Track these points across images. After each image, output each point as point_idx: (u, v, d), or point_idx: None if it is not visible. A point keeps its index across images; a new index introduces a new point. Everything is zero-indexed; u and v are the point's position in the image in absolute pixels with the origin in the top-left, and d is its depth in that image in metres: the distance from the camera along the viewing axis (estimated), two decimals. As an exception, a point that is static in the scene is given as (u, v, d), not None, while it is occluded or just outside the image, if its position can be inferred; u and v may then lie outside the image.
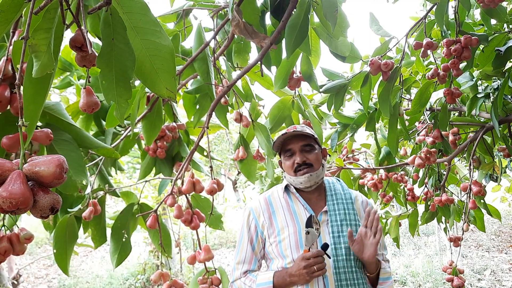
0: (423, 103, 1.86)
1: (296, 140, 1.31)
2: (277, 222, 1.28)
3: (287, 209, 1.31)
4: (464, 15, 1.63)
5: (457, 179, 2.43)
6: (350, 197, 1.34)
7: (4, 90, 0.69)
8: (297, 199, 1.33)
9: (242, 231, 1.34)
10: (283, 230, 1.26)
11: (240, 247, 1.33)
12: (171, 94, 0.70)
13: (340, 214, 1.28)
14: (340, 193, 1.34)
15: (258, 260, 1.33)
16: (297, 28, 1.07)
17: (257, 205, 1.35)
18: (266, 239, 1.30)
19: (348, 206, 1.31)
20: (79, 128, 0.86)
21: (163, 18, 1.48)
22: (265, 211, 1.32)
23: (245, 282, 1.27)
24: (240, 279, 1.29)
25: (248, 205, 1.38)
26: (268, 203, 1.34)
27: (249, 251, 1.31)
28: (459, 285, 1.97)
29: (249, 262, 1.30)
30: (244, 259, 1.31)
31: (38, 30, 0.60)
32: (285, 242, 1.25)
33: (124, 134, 1.46)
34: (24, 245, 0.80)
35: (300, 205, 1.31)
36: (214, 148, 9.17)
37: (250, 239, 1.31)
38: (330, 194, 1.33)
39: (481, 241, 7.08)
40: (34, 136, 0.72)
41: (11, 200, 0.47)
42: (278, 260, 1.27)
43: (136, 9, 0.64)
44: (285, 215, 1.30)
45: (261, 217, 1.31)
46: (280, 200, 1.34)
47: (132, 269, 5.89)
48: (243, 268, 1.30)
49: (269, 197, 1.36)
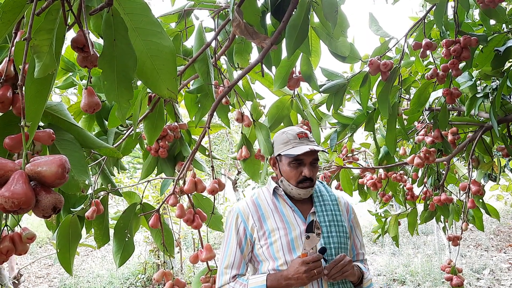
0: (422, 103, 1.86)
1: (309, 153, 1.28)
2: (267, 225, 1.27)
3: (276, 212, 1.30)
4: (463, 16, 1.64)
5: (456, 179, 2.44)
6: (334, 198, 1.36)
7: (6, 90, 0.70)
8: (284, 202, 1.32)
9: (230, 233, 1.30)
10: (274, 232, 1.25)
11: (228, 250, 1.29)
12: (172, 95, 0.71)
13: (328, 215, 1.29)
14: (325, 194, 1.35)
15: (246, 263, 1.30)
16: (298, 29, 1.08)
17: (244, 207, 1.32)
18: (256, 241, 1.27)
19: (334, 207, 1.32)
20: (81, 128, 0.86)
21: (164, 18, 1.48)
22: (254, 213, 1.29)
23: (235, 286, 1.24)
24: (229, 284, 1.25)
25: (234, 207, 1.35)
26: (256, 205, 1.32)
27: (238, 255, 1.27)
28: (458, 284, 1.98)
29: (238, 266, 1.27)
30: (232, 263, 1.27)
31: (40, 31, 0.61)
32: (277, 244, 1.24)
33: (126, 134, 1.46)
34: (26, 244, 0.80)
35: (288, 207, 1.31)
36: (214, 148, 9.17)
37: (239, 242, 1.28)
38: (316, 195, 1.34)
39: (480, 241, 7.09)
40: (36, 136, 0.72)
41: (14, 200, 0.48)
42: (268, 262, 1.25)
43: (137, 10, 0.64)
44: (275, 217, 1.28)
45: (250, 220, 1.29)
46: (268, 203, 1.33)
47: (132, 268, 5.90)
48: (232, 272, 1.27)
49: (256, 199, 1.34)
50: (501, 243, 6.91)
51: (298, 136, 1.30)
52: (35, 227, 7.85)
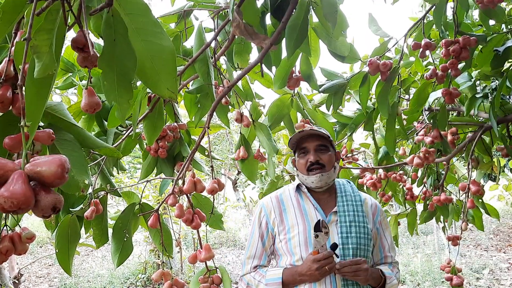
0: (421, 103, 1.86)
1: (312, 140, 1.33)
2: (288, 220, 1.31)
3: (298, 208, 1.33)
4: (462, 16, 1.64)
5: (455, 179, 2.44)
6: (359, 199, 1.36)
7: (6, 90, 0.70)
8: (307, 199, 1.35)
9: (254, 226, 1.38)
10: (293, 228, 1.29)
11: (251, 242, 1.36)
12: (172, 95, 0.71)
13: (349, 215, 1.30)
14: (350, 194, 1.35)
15: (268, 255, 1.36)
16: (297, 29, 1.08)
17: (268, 202, 1.38)
18: (276, 235, 1.33)
19: (357, 208, 1.33)
20: (81, 128, 0.86)
21: (164, 18, 1.48)
22: (276, 208, 1.35)
23: (254, 276, 1.31)
24: (250, 274, 1.32)
25: (259, 202, 1.42)
26: (279, 200, 1.37)
27: (260, 247, 1.34)
28: (458, 283, 1.98)
29: (259, 257, 1.34)
30: (254, 254, 1.35)
31: (40, 31, 0.61)
32: (295, 240, 1.27)
33: (125, 134, 1.46)
34: (26, 244, 0.80)
35: (311, 204, 1.33)
36: (214, 148, 9.17)
37: (261, 235, 1.35)
38: (340, 195, 1.35)
39: (480, 240, 7.10)
40: (36, 136, 0.72)
41: (13, 200, 0.48)
42: (286, 257, 1.30)
43: (137, 11, 0.64)
44: (296, 213, 1.32)
45: (272, 214, 1.34)
46: (291, 199, 1.37)
47: (133, 268, 5.90)
48: (253, 263, 1.34)
49: (280, 195, 1.39)
50: (501, 243, 6.92)
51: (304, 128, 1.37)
52: (35, 227, 7.84)
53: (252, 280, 1.31)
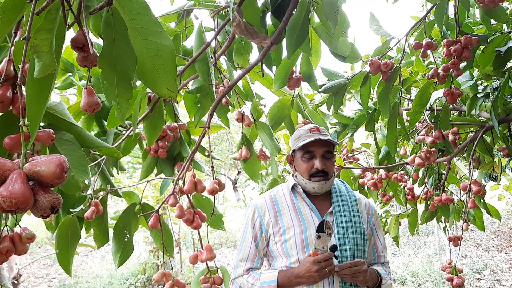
0: (424, 104, 1.86)
1: (319, 144, 1.29)
2: (283, 221, 1.28)
3: (293, 209, 1.30)
4: (464, 16, 1.64)
5: (457, 179, 2.43)
6: (354, 199, 1.34)
7: (6, 90, 0.70)
8: (303, 200, 1.32)
9: (246, 228, 1.33)
10: (289, 230, 1.26)
11: (244, 244, 1.32)
12: (172, 94, 0.70)
13: (345, 215, 1.29)
14: (345, 194, 1.34)
15: (261, 257, 1.32)
16: (298, 28, 1.07)
17: (262, 202, 1.34)
18: (271, 237, 1.29)
19: (353, 208, 1.31)
20: (81, 128, 0.86)
21: (164, 18, 1.48)
22: (270, 209, 1.31)
23: (248, 279, 1.27)
24: (243, 277, 1.29)
25: (252, 202, 1.38)
26: (273, 201, 1.33)
27: (253, 249, 1.30)
28: (459, 284, 1.97)
29: (252, 259, 1.30)
30: (247, 256, 1.30)
31: (39, 30, 0.60)
32: (291, 242, 1.25)
33: (125, 134, 1.46)
34: (26, 245, 0.79)
35: (306, 205, 1.31)
36: (214, 148, 9.17)
37: (254, 237, 1.30)
38: (335, 195, 1.33)
39: (481, 241, 7.09)
40: (36, 136, 0.72)
41: (11, 199, 0.48)
42: (282, 259, 1.27)
43: (137, 10, 0.64)
44: (291, 215, 1.29)
45: (266, 215, 1.31)
46: (285, 199, 1.33)
47: (132, 268, 5.89)
48: (246, 265, 1.29)
49: (274, 196, 1.35)
50: (502, 243, 6.91)
51: (310, 130, 1.31)
52: (34, 227, 7.83)
53: (245, 283, 1.26)
